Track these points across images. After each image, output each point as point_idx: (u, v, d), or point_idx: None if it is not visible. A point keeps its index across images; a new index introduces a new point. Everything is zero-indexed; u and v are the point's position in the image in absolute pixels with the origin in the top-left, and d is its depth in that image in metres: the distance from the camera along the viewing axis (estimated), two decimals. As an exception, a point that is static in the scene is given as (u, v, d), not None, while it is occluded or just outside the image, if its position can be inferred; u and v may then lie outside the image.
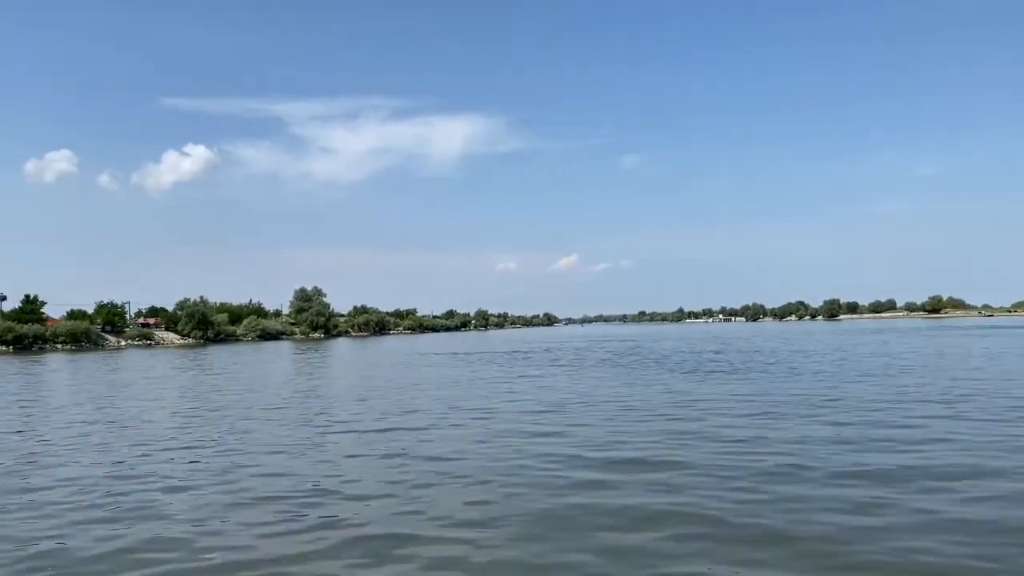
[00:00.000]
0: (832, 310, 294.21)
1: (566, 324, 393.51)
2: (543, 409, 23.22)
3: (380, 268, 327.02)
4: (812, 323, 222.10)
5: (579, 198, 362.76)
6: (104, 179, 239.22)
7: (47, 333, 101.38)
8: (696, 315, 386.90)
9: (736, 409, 21.32)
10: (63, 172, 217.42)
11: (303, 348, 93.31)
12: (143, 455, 16.82)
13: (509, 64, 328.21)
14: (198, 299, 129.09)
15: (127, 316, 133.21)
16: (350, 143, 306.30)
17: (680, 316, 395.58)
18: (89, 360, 68.93)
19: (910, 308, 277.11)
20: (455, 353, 65.46)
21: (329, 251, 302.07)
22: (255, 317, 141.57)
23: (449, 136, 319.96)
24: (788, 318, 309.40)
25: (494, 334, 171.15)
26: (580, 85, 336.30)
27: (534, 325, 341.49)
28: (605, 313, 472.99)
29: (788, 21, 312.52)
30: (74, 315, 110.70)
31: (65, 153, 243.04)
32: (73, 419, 23.89)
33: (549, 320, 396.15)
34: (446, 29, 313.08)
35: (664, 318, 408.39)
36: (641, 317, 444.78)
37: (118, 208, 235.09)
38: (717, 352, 54.18)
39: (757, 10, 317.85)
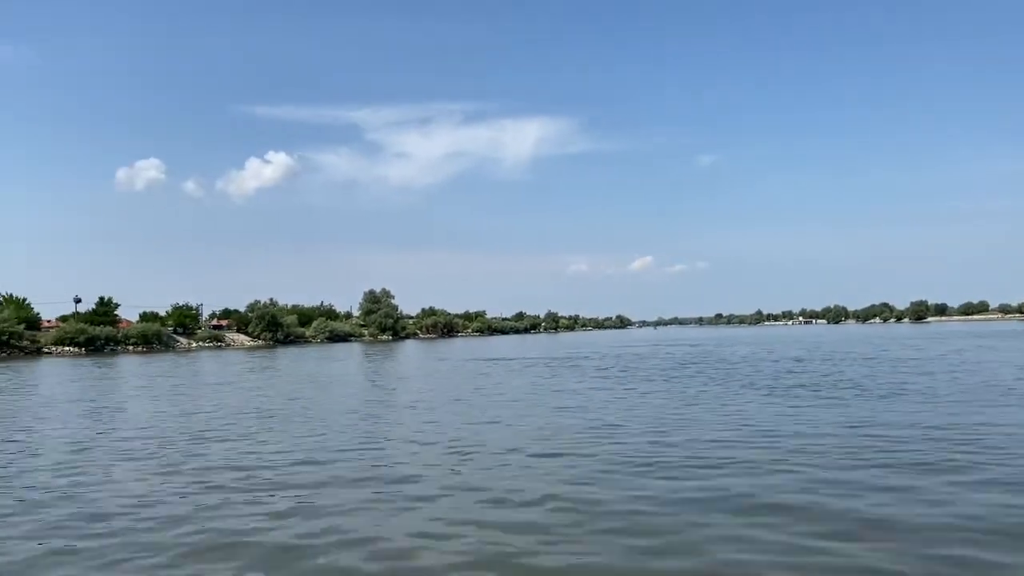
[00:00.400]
0: (919, 312, 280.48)
1: (639, 327, 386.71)
2: (547, 435, 19.86)
3: (451, 271, 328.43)
4: (898, 326, 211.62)
5: (653, 198, 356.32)
6: (190, 186, 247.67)
7: (119, 335, 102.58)
8: (775, 318, 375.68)
9: (832, 451, 14.89)
10: (152, 180, 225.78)
11: (372, 350, 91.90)
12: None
13: (580, 65, 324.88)
14: (268, 301, 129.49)
15: (200, 318, 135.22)
16: (424, 148, 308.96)
17: (758, 319, 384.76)
18: (161, 361, 68.55)
19: (1004, 310, 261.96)
20: (505, 359, 62.58)
21: (401, 254, 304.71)
22: (324, 319, 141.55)
23: (520, 139, 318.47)
24: (872, 320, 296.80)
25: (564, 337, 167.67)
26: (652, 84, 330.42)
27: (606, 328, 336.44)
28: (680, 316, 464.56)
29: (864, 19, 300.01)
30: (146, 317, 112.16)
31: (154, 161, 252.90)
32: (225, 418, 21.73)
33: (621, 323, 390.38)
34: (517, 32, 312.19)
35: (741, 321, 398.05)
36: (718, 320, 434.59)
37: (203, 213, 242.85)
38: (799, 360, 47.76)
39: (830, 7, 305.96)
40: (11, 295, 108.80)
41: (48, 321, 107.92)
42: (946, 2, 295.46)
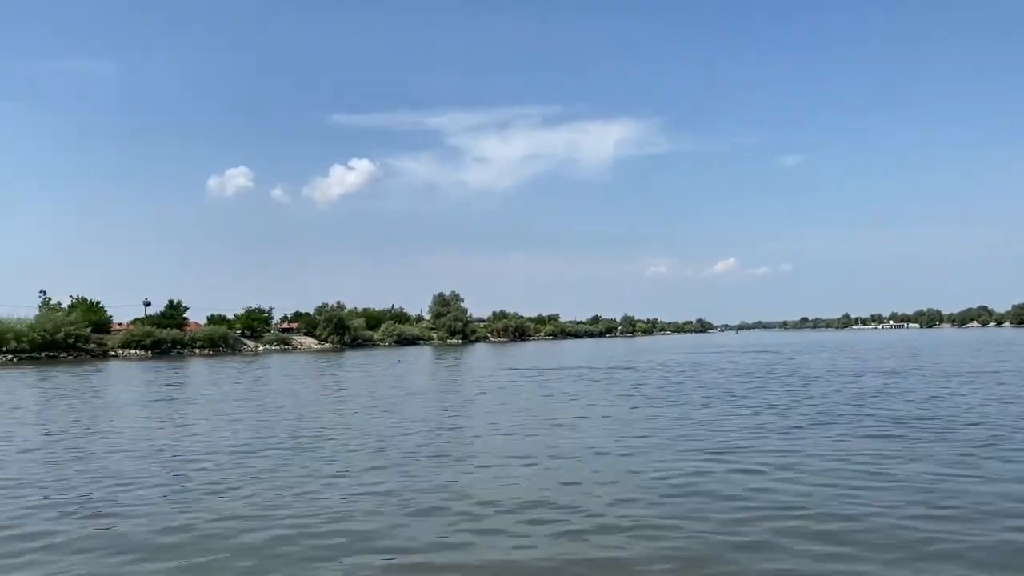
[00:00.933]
0: (1022, 315, 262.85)
1: (721, 331, 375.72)
2: (529, 461, 15.57)
3: (529, 274, 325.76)
4: (999, 331, 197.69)
5: (735, 200, 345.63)
6: (277, 193, 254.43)
7: (185, 338, 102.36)
8: (864, 321, 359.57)
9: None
10: (241, 187, 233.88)
11: (440, 354, 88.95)
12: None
13: (661, 66, 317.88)
14: (335, 304, 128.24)
15: (272, 321, 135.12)
16: (502, 151, 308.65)
17: (846, 323, 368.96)
18: (227, 363, 66.95)
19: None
20: (567, 368, 58.26)
21: (479, 257, 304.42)
22: (392, 322, 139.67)
23: (601, 140, 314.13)
24: (969, 325, 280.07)
25: (640, 341, 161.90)
26: (734, 85, 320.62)
27: (685, 332, 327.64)
28: (764, 319, 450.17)
29: (947, 18, 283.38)
30: (214, 320, 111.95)
31: (243, 170, 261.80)
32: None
33: (702, 327, 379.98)
34: (596, 34, 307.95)
35: (828, 325, 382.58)
36: (803, 324, 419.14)
37: (289, 219, 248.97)
38: (891, 375, 37.93)
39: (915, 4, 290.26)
40: (84, 298, 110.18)
41: (119, 324, 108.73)
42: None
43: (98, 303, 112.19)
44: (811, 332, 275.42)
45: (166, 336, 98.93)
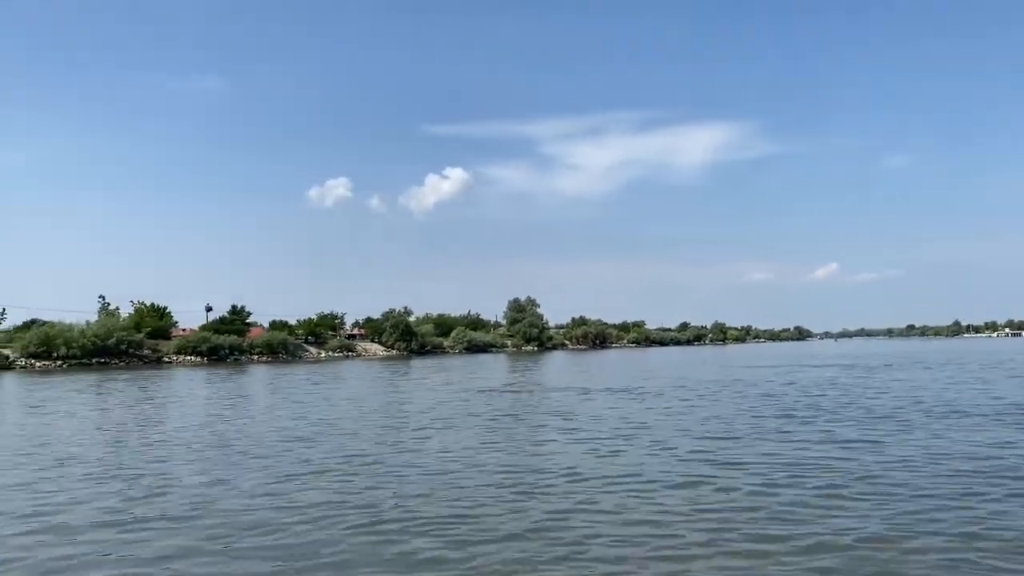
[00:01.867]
0: None
1: (820, 339, 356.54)
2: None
3: (619, 281, 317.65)
4: None
5: (838, 203, 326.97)
6: (374, 202, 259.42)
7: (244, 344, 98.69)
8: (976, 329, 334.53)
9: None
10: (340, 197, 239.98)
11: (511, 362, 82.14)
12: None
13: (758, 68, 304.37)
14: (403, 309, 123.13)
15: (344, 327, 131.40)
16: (596, 158, 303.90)
17: (956, 330, 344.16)
18: (278, 371, 61.87)
19: None
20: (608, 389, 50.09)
21: (570, 264, 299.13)
22: (463, 328, 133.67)
23: (696, 145, 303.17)
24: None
25: (731, 350, 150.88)
26: (834, 84, 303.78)
27: (782, 340, 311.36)
28: (868, 327, 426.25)
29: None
30: (275, 326, 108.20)
31: (342, 180, 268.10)
32: None
33: (800, 335, 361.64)
34: (690, 36, 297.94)
35: (936, 333, 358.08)
36: (910, 331, 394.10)
37: (385, 228, 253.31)
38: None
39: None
40: (149, 303, 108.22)
41: (184, 330, 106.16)
42: None
43: (165, 308, 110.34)
44: (918, 341, 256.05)
45: (222, 342, 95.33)
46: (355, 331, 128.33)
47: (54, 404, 33.01)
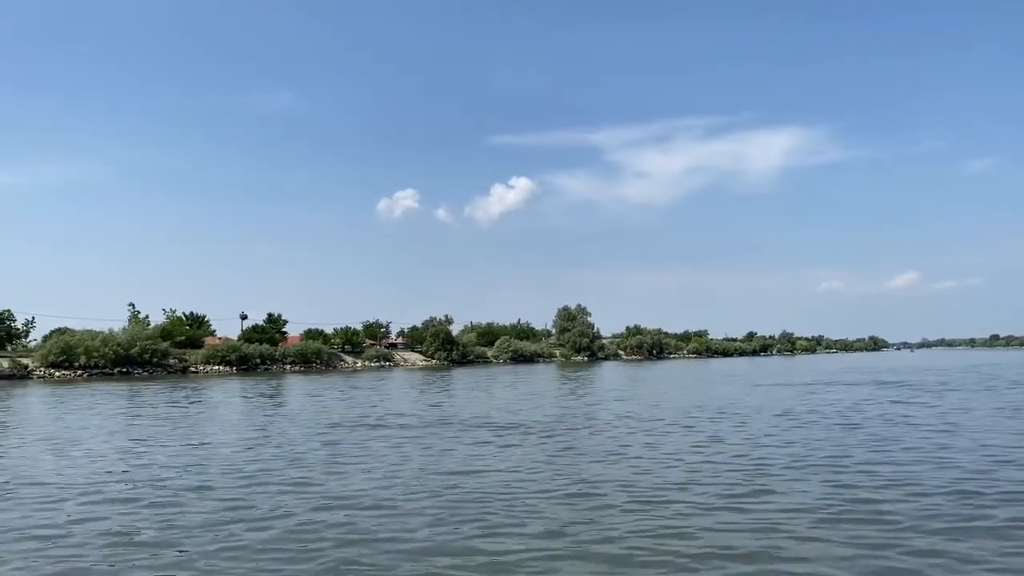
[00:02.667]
0: None
1: (897, 349, 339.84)
2: None
3: (685, 289, 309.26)
4: None
5: (916, 209, 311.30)
6: (441, 213, 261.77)
7: (276, 353, 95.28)
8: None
9: None
10: (408, 208, 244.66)
11: (560, 373, 76.40)
12: None
13: (829, 71, 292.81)
14: (443, 317, 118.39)
15: (389, 335, 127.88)
16: (663, 165, 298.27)
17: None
18: (303, 380, 57.45)
19: None
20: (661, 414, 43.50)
21: (634, 272, 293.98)
22: (507, 338, 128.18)
23: (766, 150, 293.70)
24: None
25: (799, 360, 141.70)
26: (911, 87, 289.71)
27: (855, 350, 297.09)
28: (949, 337, 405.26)
29: None
30: (311, 335, 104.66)
31: (410, 192, 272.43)
32: None
33: (875, 344, 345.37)
34: (757, 39, 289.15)
35: (1022, 343, 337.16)
36: (994, 342, 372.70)
37: (451, 238, 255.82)
38: None
39: None
40: (191, 313, 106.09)
41: (219, 338, 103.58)
42: None
43: (203, 317, 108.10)
44: (1003, 351, 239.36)
45: (252, 351, 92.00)
46: (399, 340, 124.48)
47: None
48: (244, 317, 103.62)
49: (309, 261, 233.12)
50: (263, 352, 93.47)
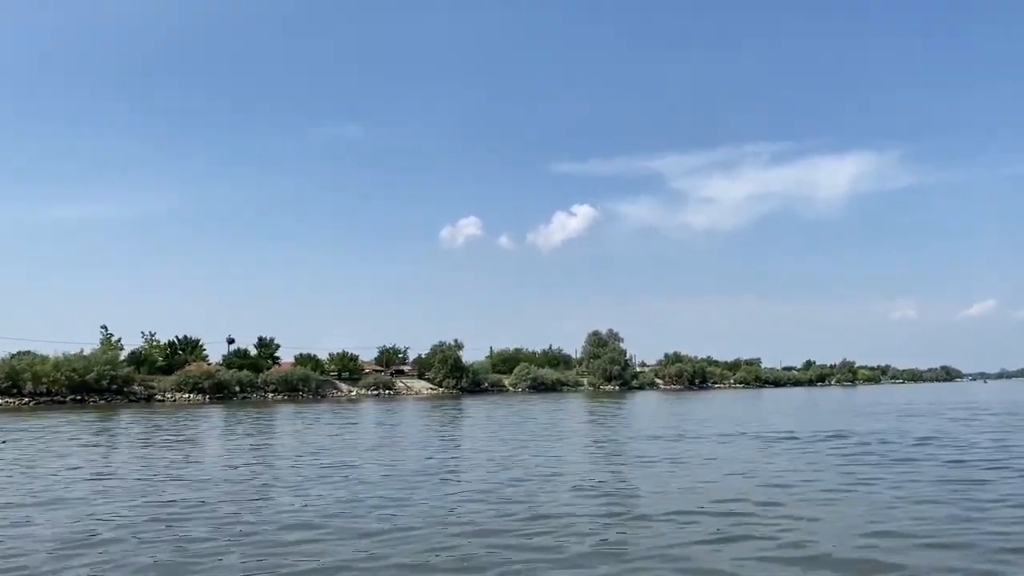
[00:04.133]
0: None
1: (971, 380, 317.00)
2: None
3: (749, 316, 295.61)
4: None
5: (995, 234, 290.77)
6: (504, 240, 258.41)
7: (258, 380, 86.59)
8: None
9: None
10: (471, 236, 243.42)
11: (575, 404, 65.81)
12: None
13: (899, 93, 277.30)
14: (453, 342, 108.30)
15: (406, 362, 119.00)
16: (729, 191, 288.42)
17: None
18: (256, 415, 48.25)
19: None
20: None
21: (695, 300, 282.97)
22: (527, 364, 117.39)
23: (834, 176, 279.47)
24: None
25: (861, 392, 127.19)
26: (985, 108, 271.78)
27: (924, 380, 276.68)
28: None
29: None
30: (302, 361, 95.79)
31: (473, 219, 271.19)
32: None
33: (948, 375, 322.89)
34: (825, 63, 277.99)
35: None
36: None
37: (514, 265, 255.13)
38: None
39: None
40: (184, 337, 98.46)
41: (213, 365, 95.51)
42: None
43: (197, 341, 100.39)
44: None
45: (228, 378, 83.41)
46: (407, 367, 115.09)
47: None
48: (231, 341, 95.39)
49: (369, 290, 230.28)
50: (241, 379, 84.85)
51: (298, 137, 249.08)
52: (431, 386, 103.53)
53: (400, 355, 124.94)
